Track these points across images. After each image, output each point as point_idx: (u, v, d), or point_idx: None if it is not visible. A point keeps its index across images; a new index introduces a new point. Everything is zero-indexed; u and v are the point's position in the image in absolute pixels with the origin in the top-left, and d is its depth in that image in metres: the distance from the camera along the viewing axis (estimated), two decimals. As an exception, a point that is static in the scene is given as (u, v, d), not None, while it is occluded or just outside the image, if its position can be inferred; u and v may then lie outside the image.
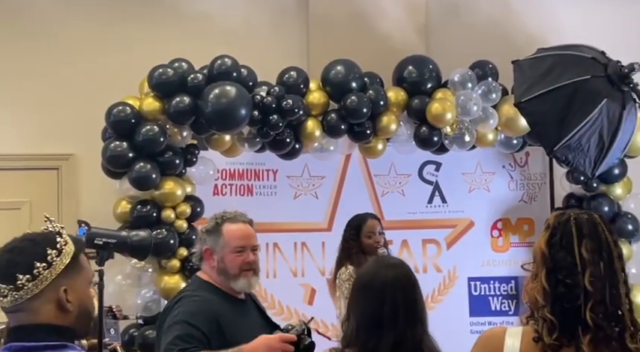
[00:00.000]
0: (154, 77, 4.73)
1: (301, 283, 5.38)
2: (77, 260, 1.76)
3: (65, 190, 5.40)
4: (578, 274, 1.84)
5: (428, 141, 5.09)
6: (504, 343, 1.89)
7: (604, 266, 1.85)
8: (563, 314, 1.84)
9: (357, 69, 5.04)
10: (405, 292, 2.16)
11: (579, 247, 1.86)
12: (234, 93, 4.64)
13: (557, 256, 1.87)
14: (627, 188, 5.32)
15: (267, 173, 5.44)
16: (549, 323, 1.84)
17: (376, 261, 2.35)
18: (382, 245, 4.38)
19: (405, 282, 2.18)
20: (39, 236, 1.75)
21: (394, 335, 2.10)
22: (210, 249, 2.82)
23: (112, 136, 4.77)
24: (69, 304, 1.71)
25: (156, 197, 4.79)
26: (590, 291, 1.82)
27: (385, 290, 2.16)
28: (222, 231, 2.80)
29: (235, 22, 5.64)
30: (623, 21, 5.76)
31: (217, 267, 2.80)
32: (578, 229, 1.88)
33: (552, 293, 1.85)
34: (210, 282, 2.84)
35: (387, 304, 2.13)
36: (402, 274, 2.21)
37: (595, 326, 1.81)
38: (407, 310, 2.14)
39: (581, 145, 3.30)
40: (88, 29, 5.48)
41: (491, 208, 5.64)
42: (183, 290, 3.02)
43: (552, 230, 1.92)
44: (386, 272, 2.21)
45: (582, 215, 1.92)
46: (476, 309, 5.56)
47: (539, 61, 3.47)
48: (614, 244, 1.89)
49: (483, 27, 5.76)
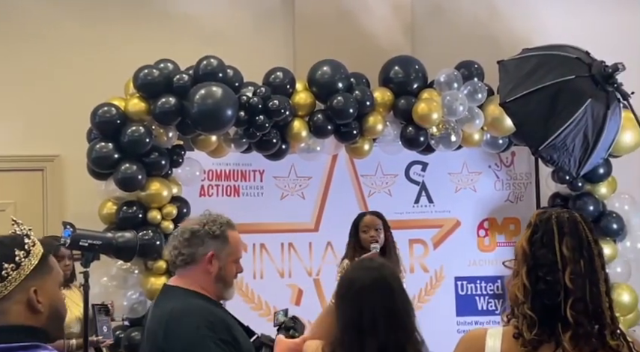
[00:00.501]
0: (140, 78, 4.71)
1: (288, 284, 5.37)
2: (46, 261, 1.76)
3: (50, 191, 5.37)
4: (559, 271, 1.85)
5: (414, 141, 5.10)
6: (485, 344, 1.90)
7: (584, 264, 1.86)
8: (543, 311, 1.85)
9: (343, 69, 5.05)
10: (382, 297, 2.14)
11: (560, 245, 1.87)
12: (220, 93, 4.63)
13: (538, 253, 1.89)
14: (612, 187, 5.35)
15: (254, 174, 5.43)
16: (529, 320, 1.85)
17: (355, 265, 2.32)
18: (377, 240, 4.39)
19: (382, 287, 2.16)
20: (6, 238, 1.75)
21: (377, 341, 2.09)
22: (215, 254, 2.58)
23: (98, 137, 4.75)
24: (39, 305, 1.71)
25: (142, 198, 4.78)
26: (570, 288, 1.83)
27: (362, 295, 2.15)
28: (229, 237, 2.63)
29: (221, 23, 5.63)
30: (607, 21, 5.79)
31: (216, 274, 2.59)
32: (559, 227, 1.90)
33: (533, 289, 1.86)
34: (197, 291, 2.58)
35: (365, 310, 2.13)
36: (379, 278, 2.18)
37: (575, 322, 1.82)
38: (386, 315, 2.12)
39: (566, 145, 3.31)
40: (74, 30, 5.46)
41: (478, 208, 5.66)
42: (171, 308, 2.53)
43: (534, 228, 1.93)
44: (363, 276, 2.20)
45: (563, 213, 1.94)
46: (463, 309, 5.58)
47: (524, 61, 3.48)
48: (595, 242, 1.91)
49: (469, 27, 5.78)
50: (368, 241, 4.36)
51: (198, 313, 2.49)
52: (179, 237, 2.60)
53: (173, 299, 2.55)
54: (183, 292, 2.56)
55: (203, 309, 2.52)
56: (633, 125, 3.83)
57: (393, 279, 2.20)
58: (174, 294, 2.58)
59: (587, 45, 3.52)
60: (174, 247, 2.60)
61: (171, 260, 2.63)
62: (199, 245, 2.58)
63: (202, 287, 2.59)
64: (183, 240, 2.58)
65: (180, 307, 2.51)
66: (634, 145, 5.04)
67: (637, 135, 4.89)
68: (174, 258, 2.60)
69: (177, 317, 2.47)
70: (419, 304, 5.44)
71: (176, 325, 2.45)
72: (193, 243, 2.58)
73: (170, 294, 2.59)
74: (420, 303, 5.44)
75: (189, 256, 2.57)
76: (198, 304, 2.55)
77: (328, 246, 5.37)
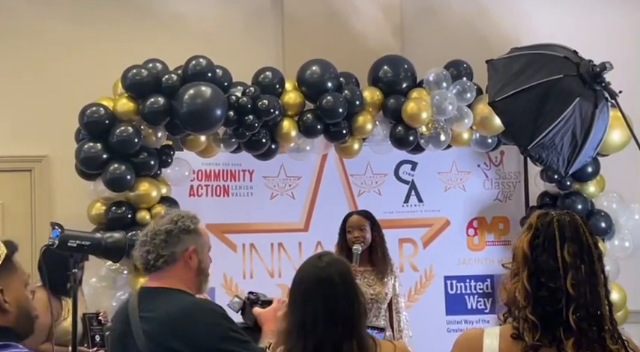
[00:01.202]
0: (128, 78, 4.70)
1: (278, 283, 5.35)
2: (10, 261, 1.75)
3: (38, 192, 5.34)
4: (561, 278, 1.86)
5: (404, 140, 5.11)
6: (483, 343, 1.90)
7: (585, 268, 1.87)
8: (545, 316, 1.85)
9: (333, 69, 5.05)
10: (324, 296, 2.15)
11: (562, 250, 1.88)
12: (209, 93, 4.62)
13: (539, 259, 1.89)
14: (600, 186, 5.38)
15: (243, 173, 5.42)
16: (531, 324, 1.85)
17: (304, 264, 2.30)
18: (361, 241, 4.39)
19: (324, 287, 2.17)
20: None
21: (314, 339, 2.12)
22: (195, 249, 2.59)
23: (86, 137, 4.73)
24: (6, 304, 1.70)
25: (131, 198, 4.76)
26: (572, 295, 1.84)
27: (305, 295, 2.19)
28: (200, 230, 2.65)
29: (210, 23, 5.62)
30: (595, 21, 5.82)
31: (197, 268, 2.60)
32: (561, 232, 1.90)
33: (534, 295, 1.87)
34: (183, 290, 2.57)
35: (307, 309, 2.16)
36: (323, 278, 2.19)
37: (578, 328, 1.83)
38: (326, 315, 2.13)
39: (554, 144, 3.33)
40: (62, 29, 5.43)
41: (467, 207, 5.67)
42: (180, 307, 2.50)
43: (535, 231, 1.93)
44: (307, 276, 2.22)
45: (565, 216, 1.94)
46: (452, 308, 5.59)
47: (512, 61, 3.49)
48: (595, 246, 1.92)
49: (458, 27, 5.79)
50: (351, 241, 4.38)
51: (210, 308, 2.54)
52: (154, 241, 2.55)
53: (170, 300, 2.52)
54: (174, 292, 2.54)
55: (209, 304, 2.60)
56: (621, 124, 3.86)
57: (338, 277, 2.19)
58: (166, 295, 2.54)
59: (575, 44, 3.54)
60: (149, 251, 2.55)
61: (146, 263, 2.57)
62: (177, 243, 2.56)
63: (185, 285, 2.58)
64: (160, 241, 2.55)
65: (188, 305, 2.50)
66: (622, 144, 5.06)
67: (625, 134, 4.91)
68: (153, 261, 2.54)
69: (200, 316, 2.47)
70: (409, 303, 5.45)
71: (201, 324, 2.44)
72: (171, 242, 2.56)
73: (160, 295, 2.55)
74: (410, 302, 5.44)
75: (169, 256, 2.55)
76: (200, 300, 2.59)
77: (318, 246, 5.35)
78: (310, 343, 2.13)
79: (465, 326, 5.50)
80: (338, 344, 2.13)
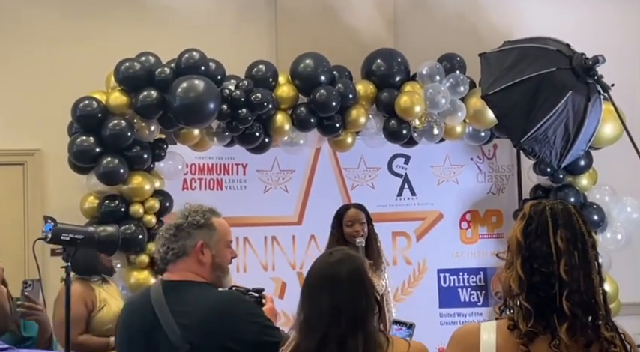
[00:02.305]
0: (121, 71, 4.69)
1: (272, 277, 5.37)
2: None
3: (31, 186, 5.32)
4: (554, 263, 1.86)
5: (397, 134, 5.12)
6: (480, 338, 1.89)
7: (578, 255, 1.87)
8: (539, 303, 1.85)
9: (326, 62, 5.04)
10: (331, 294, 2.15)
11: (555, 236, 1.88)
12: (203, 87, 4.61)
13: (532, 245, 1.89)
14: (593, 179, 5.40)
15: (237, 167, 5.42)
16: (525, 311, 1.85)
17: (317, 259, 2.30)
18: (362, 235, 4.39)
19: (332, 284, 2.17)
20: None
21: (318, 333, 2.13)
22: (204, 244, 2.59)
23: (79, 131, 4.72)
24: None
25: (124, 192, 4.75)
26: (565, 280, 1.84)
27: (312, 291, 2.19)
28: (215, 224, 2.63)
29: (203, 16, 5.60)
30: (588, 14, 5.83)
31: (212, 262, 2.60)
32: (554, 219, 1.90)
33: (528, 281, 1.87)
34: (202, 281, 2.58)
35: (313, 305, 2.17)
36: (331, 275, 2.19)
37: (571, 314, 1.83)
38: (330, 310, 2.13)
39: (547, 137, 3.33)
40: (54, 23, 5.41)
41: (460, 200, 5.69)
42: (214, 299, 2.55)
43: (528, 219, 1.93)
44: (317, 272, 2.23)
45: (557, 205, 1.94)
46: (445, 301, 5.61)
47: (505, 54, 3.49)
48: (588, 234, 1.92)
49: (451, 20, 5.79)
50: (352, 235, 4.35)
51: (243, 299, 2.61)
52: (165, 235, 2.59)
53: (201, 293, 2.53)
54: (200, 285, 2.56)
55: (240, 295, 2.65)
56: (613, 117, 3.87)
57: (347, 275, 2.19)
58: (195, 288, 2.55)
59: (568, 37, 3.55)
60: (162, 244, 2.58)
61: (161, 257, 2.59)
62: (186, 237, 2.57)
63: (203, 277, 2.59)
64: (170, 236, 2.57)
65: (224, 298, 2.55)
66: (614, 137, 5.08)
67: (617, 127, 4.93)
68: (165, 254, 2.57)
69: (232, 308, 2.50)
70: (402, 296, 5.47)
71: (234, 315, 2.48)
72: (180, 236, 2.57)
73: (188, 289, 2.55)
74: (403, 295, 5.47)
75: (179, 249, 2.56)
76: (231, 292, 2.64)
77: (312, 239, 5.37)
78: (315, 337, 2.13)
79: (458, 319, 5.52)
80: (343, 339, 2.12)
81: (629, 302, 5.38)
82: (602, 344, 1.84)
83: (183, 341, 2.42)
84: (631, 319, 5.15)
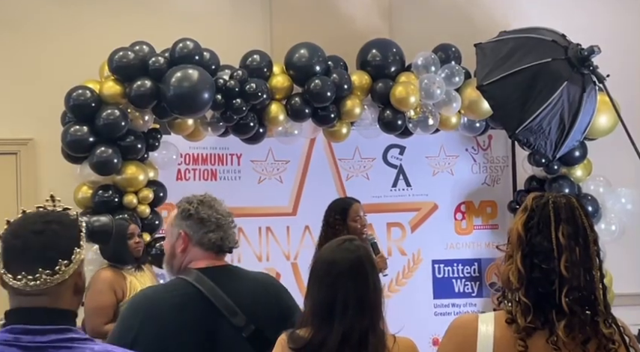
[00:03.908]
0: (115, 60, 4.66)
1: (266, 268, 5.35)
2: None
3: (24, 175, 5.30)
4: (555, 259, 1.83)
5: (392, 124, 5.10)
6: (478, 329, 1.87)
7: (580, 251, 1.85)
8: (538, 298, 1.83)
9: (321, 52, 5.03)
10: (357, 284, 2.13)
11: (556, 232, 1.85)
12: (197, 76, 4.59)
13: (534, 240, 1.86)
14: (587, 170, 5.40)
15: (231, 157, 5.40)
16: (523, 306, 1.84)
17: (334, 246, 2.25)
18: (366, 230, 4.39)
19: (358, 273, 2.14)
20: (65, 218, 1.72)
21: (343, 327, 2.09)
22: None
23: (72, 120, 4.69)
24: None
25: (117, 182, 4.74)
26: (565, 277, 1.82)
27: (338, 280, 2.14)
28: None
29: (197, 5, 5.57)
30: (584, 5, 5.82)
31: None
32: (556, 213, 1.87)
33: (527, 276, 1.84)
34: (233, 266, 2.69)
35: (338, 295, 2.12)
36: (356, 263, 2.16)
37: (570, 311, 1.81)
38: (357, 302, 2.11)
39: (542, 128, 3.32)
40: (48, 11, 5.37)
41: (455, 191, 5.69)
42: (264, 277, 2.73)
43: (530, 213, 1.90)
44: (341, 260, 2.18)
45: (561, 198, 1.91)
46: (440, 291, 5.62)
47: (500, 44, 3.47)
48: (591, 229, 1.90)
49: (446, 10, 5.77)
50: (359, 230, 4.34)
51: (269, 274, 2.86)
52: (224, 225, 2.53)
53: (248, 275, 2.63)
54: (237, 267, 2.64)
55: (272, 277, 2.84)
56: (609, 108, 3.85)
57: (369, 264, 2.18)
58: (237, 271, 2.62)
59: (563, 28, 3.53)
60: (225, 237, 2.52)
61: (222, 247, 2.53)
62: (234, 227, 2.61)
63: None
64: (228, 223, 2.55)
65: (267, 278, 2.73)
66: (609, 128, 5.08)
67: (612, 118, 4.93)
68: (230, 244, 2.54)
69: (280, 286, 2.68)
70: (396, 287, 5.48)
71: (285, 292, 2.61)
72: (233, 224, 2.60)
73: (233, 272, 2.58)
74: (398, 286, 5.48)
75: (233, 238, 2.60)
76: (265, 273, 2.83)
77: (306, 230, 5.37)
78: (339, 329, 2.09)
79: (453, 310, 5.54)
80: (364, 334, 2.10)
81: (624, 293, 5.40)
82: (601, 340, 1.82)
83: (247, 322, 2.40)
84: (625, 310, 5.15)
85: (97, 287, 4.01)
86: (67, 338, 1.61)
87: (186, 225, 2.51)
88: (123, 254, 4.14)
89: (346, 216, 4.41)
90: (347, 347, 2.08)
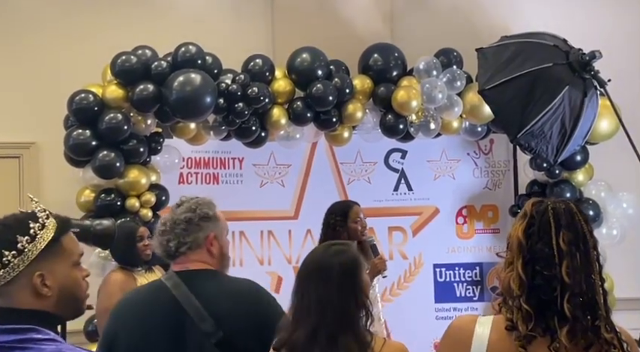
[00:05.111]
0: (117, 64, 4.67)
1: (268, 271, 5.37)
2: (57, 242, 1.73)
3: (27, 179, 5.31)
4: (556, 265, 1.83)
5: (394, 128, 5.11)
6: (474, 332, 1.88)
7: (580, 257, 1.85)
8: (539, 305, 1.83)
9: (323, 57, 5.04)
10: (318, 285, 2.16)
11: (557, 238, 1.85)
12: (199, 80, 4.60)
13: (535, 247, 1.86)
14: (589, 174, 5.40)
15: (233, 161, 5.42)
16: (525, 313, 1.83)
17: (315, 250, 2.32)
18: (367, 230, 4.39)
19: (322, 275, 2.18)
20: (13, 221, 1.72)
21: (309, 326, 2.13)
22: (215, 235, 2.60)
23: (75, 124, 4.70)
24: (46, 289, 1.69)
25: (120, 185, 4.75)
26: (567, 283, 1.82)
27: (303, 281, 2.21)
28: (218, 215, 2.65)
29: (200, 9, 5.59)
30: (585, 10, 5.82)
31: (220, 253, 2.62)
32: (556, 220, 1.87)
33: (529, 283, 1.84)
34: (216, 270, 2.60)
35: (304, 295, 2.19)
36: (322, 266, 2.20)
37: (572, 317, 1.81)
38: (319, 302, 2.14)
39: (543, 132, 3.33)
40: (51, 15, 5.38)
41: (456, 195, 5.69)
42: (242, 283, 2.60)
43: (530, 219, 1.90)
44: (309, 263, 2.24)
45: (560, 204, 1.91)
46: (441, 296, 5.62)
47: (502, 49, 3.49)
48: (590, 234, 1.89)
49: (448, 15, 5.78)
50: (359, 232, 4.34)
51: (261, 287, 2.61)
52: (175, 230, 2.54)
53: (224, 281, 2.56)
54: (216, 272, 2.58)
55: (257, 283, 2.64)
56: (610, 112, 3.87)
57: (338, 268, 2.18)
58: (217, 276, 2.56)
59: (564, 33, 3.55)
60: (170, 240, 2.53)
61: (167, 251, 2.55)
62: (198, 231, 2.56)
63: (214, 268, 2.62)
64: (181, 230, 2.54)
65: (249, 285, 2.58)
66: (611, 132, 5.08)
67: (614, 123, 4.93)
68: (174, 248, 2.53)
69: (264, 294, 2.57)
70: (398, 291, 5.49)
71: (268, 301, 2.54)
72: (191, 230, 2.55)
73: (209, 277, 2.55)
74: (399, 290, 5.48)
75: (193, 242, 2.54)
76: (249, 280, 2.64)
77: (308, 234, 5.37)
78: (304, 330, 2.13)
79: (454, 314, 5.53)
80: (333, 336, 2.11)
81: (625, 297, 5.39)
82: (602, 346, 1.82)
83: (216, 328, 2.40)
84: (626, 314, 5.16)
85: (108, 290, 4.03)
86: (25, 339, 1.61)
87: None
88: (133, 256, 4.16)
89: (347, 218, 4.41)
90: (316, 347, 2.11)
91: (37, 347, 1.60)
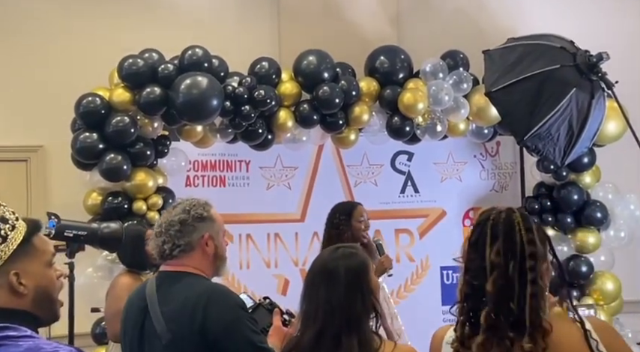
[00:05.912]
0: (124, 68, 4.68)
1: (274, 274, 5.37)
2: (29, 243, 1.74)
3: (34, 182, 5.33)
4: (485, 277, 1.89)
5: (400, 131, 5.11)
6: (444, 338, 2.05)
7: (514, 266, 1.88)
8: (469, 314, 1.93)
9: (329, 59, 5.04)
10: (326, 288, 2.18)
11: (490, 250, 1.91)
12: (206, 83, 4.61)
13: (470, 257, 1.95)
14: (596, 176, 5.39)
15: (240, 164, 5.42)
16: (460, 320, 1.96)
17: (321, 253, 2.35)
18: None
19: (328, 278, 2.19)
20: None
21: (315, 328, 2.15)
22: (210, 235, 2.62)
23: (82, 127, 4.72)
24: (22, 287, 1.70)
25: (127, 188, 4.75)
26: (490, 294, 1.87)
27: (309, 284, 2.23)
28: (213, 216, 2.67)
29: (206, 12, 5.60)
30: (592, 11, 5.82)
31: (215, 253, 2.63)
32: (493, 232, 1.93)
33: (463, 292, 1.95)
34: (202, 275, 2.60)
35: (311, 298, 2.20)
36: (329, 269, 2.21)
37: (488, 327, 1.87)
38: (326, 304, 2.16)
39: (550, 134, 3.33)
40: (58, 19, 5.40)
41: (463, 197, 5.68)
42: (203, 290, 2.53)
43: (474, 229, 1.99)
44: (317, 265, 2.26)
45: (501, 214, 1.97)
46: (448, 298, 5.60)
47: (509, 51, 3.48)
48: (528, 243, 1.91)
49: (454, 17, 5.79)
50: (362, 231, 4.33)
51: (230, 294, 2.57)
52: (169, 231, 2.57)
53: (190, 284, 2.54)
54: (192, 276, 2.57)
55: (229, 291, 2.61)
56: (617, 114, 3.85)
57: (344, 271, 2.20)
58: (185, 278, 2.56)
59: (571, 34, 3.54)
60: (165, 241, 2.56)
61: (161, 252, 2.58)
62: (192, 232, 2.58)
63: (201, 271, 2.60)
64: (175, 232, 2.56)
65: (209, 289, 2.53)
66: (618, 134, 5.07)
67: (621, 125, 4.92)
68: (169, 250, 2.56)
69: (217, 299, 2.49)
70: (404, 293, 5.48)
71: (217, 306, 2.46)
72: (186, 231, 2.57)
73: (179, 279, 2.56)
74: (406, 293, 5.47)
75: (186, 245, 2.56)
76: (219, 285, 2.62)
77: (314, 236, 5.36)
78: (311, 331, 2.15)
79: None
80: (337, 336, 2.13)
81: (632, 299, 5.38)
82: None
83: (166, 330, 2.45)
84: (634, 317, 5.16)
85: (116, 293, 4.03)
86: (2, 336, 1.61)
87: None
88: (140, 259, 4.15)
89: (351, 217, 4.41)
90: (322, 349, 2.13)
91: (14, 344, 1.61)
